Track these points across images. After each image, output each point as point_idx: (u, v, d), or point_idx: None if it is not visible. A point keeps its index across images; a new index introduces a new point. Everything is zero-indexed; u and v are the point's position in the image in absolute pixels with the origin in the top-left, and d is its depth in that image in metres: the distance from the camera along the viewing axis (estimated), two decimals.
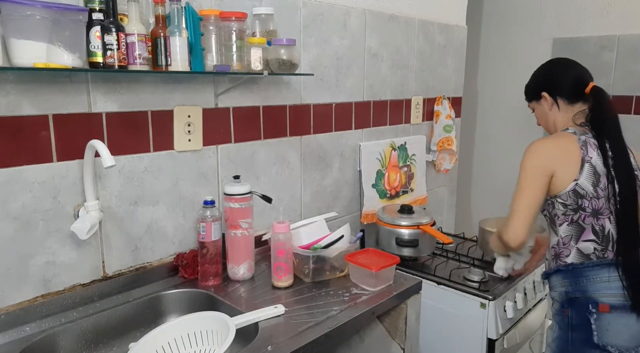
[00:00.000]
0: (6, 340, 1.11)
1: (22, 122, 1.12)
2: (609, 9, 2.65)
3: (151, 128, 1.36)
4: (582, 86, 1.48)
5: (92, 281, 1.29)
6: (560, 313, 1.42)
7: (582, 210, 1.37)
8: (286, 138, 1.73)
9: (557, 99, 1.50)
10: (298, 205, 1.83)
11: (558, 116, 1.52)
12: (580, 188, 1.36)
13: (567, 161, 1.38)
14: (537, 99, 1.55)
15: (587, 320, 1.34)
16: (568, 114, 1.50)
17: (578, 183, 1.36)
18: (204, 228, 1.38)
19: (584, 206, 1.37)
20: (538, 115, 1.59)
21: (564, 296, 1.41)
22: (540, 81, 1.55)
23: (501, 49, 3.04)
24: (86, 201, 1.22)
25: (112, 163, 1.08)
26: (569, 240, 1.41)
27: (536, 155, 1.41)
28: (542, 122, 1.60)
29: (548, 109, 1.53)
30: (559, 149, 1.41)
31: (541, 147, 1.43)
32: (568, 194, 1.37)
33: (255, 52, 1.39)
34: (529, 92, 1.59)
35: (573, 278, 1.39)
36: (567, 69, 1.52)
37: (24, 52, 1.01)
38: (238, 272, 1.44)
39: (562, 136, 1.45)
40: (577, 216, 1.38)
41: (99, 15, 1.10)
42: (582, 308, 1.36)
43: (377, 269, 1.39)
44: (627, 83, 2.62)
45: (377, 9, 2.01)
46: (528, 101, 1.60)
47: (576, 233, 1.40)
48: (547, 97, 1.51)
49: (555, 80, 1.51)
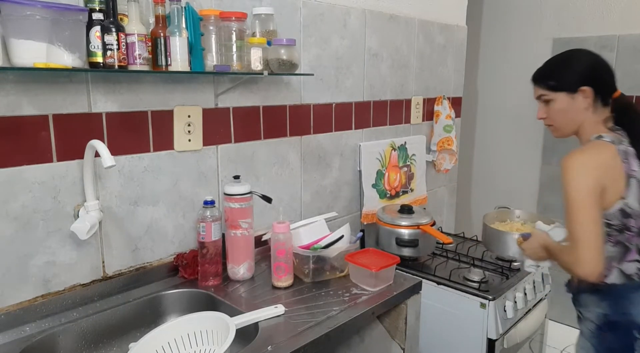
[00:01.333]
0: (6, 340, 1.11)
1: (22, 122, 1.12)
2: (609, 9, 2.65)
3: (151, 128, 1.36)
4: (614, 88, 1.34)
5: (92, 281, 1.29)
6: (597, 335, 1.31)
7: (628, 230, 1.25)
8: (286, 138, 1.73)
9: (597, 99, 1.30)
10: (298, 205, 1.83)
11: (589, 118, 1.31)
12: (628, 206, 1.23)
13: (613, 176, 1.23)
14: (569, 90, 1.30)
15: (631, 346, 1.26)
16: (598, 118, 1.32)
17: (626, 202, 1.23)
18: (204, 228, 1.38)
19: (630, 225, 1.25)
20: (556, 110, 1.34)
21: (602, 318, 1.29)
22: (585, 72, 1.30)
23: (501, 49, 3.04)
24: (86, 201, 1.22)
25: (112, 163, 1.08)
26: (610, 261, 1.27)
27: (587, 171, 1.20)
28: (559, 120, 1.36)
29: (582, 107, 1.30)
30: (606, 163, 1.23)
31: (589, 161, 1.23)
32: (614, 214, 1.24)
33: (255, 52, 1.39)
34: (560, 80, 1.32)
35: (613, 300, 1.28)
36: (609, 67, 1.33)
37: (24, 52, 1.01)
38: (238, 272, 1.44)
39: (603, 147, 1.26)
40: (622, 237, 1.26)
41: (99, 15, 1.10)
42: (625, 333, 1.26)
43: (377, 269, 1.39)
44: (627, 83, 2.62)
45: (377, 9, 2.01)
46: (550, 89, 1.33)
47: (619, 254, 1.27)
48: (589, 94, 1.28)
49: (603, 76, 1.31)
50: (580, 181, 1.20)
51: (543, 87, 1.35)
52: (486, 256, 1.99)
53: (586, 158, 1.24)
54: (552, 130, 1.41)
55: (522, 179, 3.06)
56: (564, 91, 1.31)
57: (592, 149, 1.27)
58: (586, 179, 1.20)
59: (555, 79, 1.33)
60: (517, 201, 3.09)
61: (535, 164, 2.99)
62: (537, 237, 1.43)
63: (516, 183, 3.09)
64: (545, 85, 1.35)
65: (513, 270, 1.86)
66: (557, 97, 1.33)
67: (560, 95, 1.32)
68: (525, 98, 2.95)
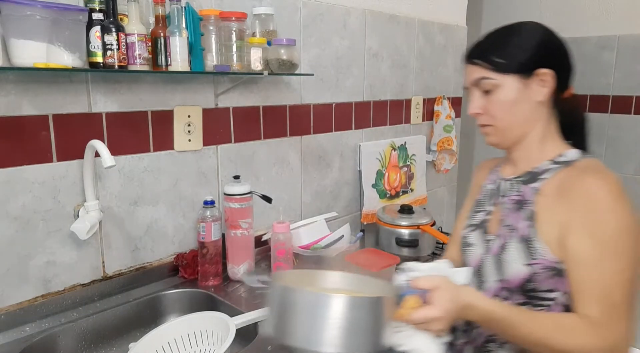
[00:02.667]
0: (6, 340, 1.11)
1: (22, 122, 1.12)
2: (609, 9, 2.65)
3: (151, 128, 1.36)
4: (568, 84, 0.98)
5: (92, 281, 1.29)
6: None
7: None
8: (286, 138, 1.73)
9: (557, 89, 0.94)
10: (298, 205, 1.83)
11: (544, 120, 0.96)
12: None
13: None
14: (521, 72, 0.91)
15: None
16: (554, 121, 0.98)
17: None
18: (204, 228, 1.38)
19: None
20: (500, 102, 0.93)
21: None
22: (545, 49, 0.93)
23: None
24: (86, 201, 1.22)
25: (112, 163, 1.08)
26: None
27: (627, 205, 0.85)
28: (502, 116, 0.94)
29: (537, 99, 0.93)
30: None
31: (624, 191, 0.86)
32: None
33: (255, 52, 1.39)
34: (510, 56, 0.92)
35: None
36: (570, 51, 0.97)
37: (24, 52, 1.01)
38: (238, 272, 1.44)
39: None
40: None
41: (99, 15, 1.10)
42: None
43: (377, 269, 1.39)
44: (627, 83, 2.63)
45: (377, 9, 2.01)
46: (495, 69, 0.92)
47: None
48: (549, 80, 0.92)
49: (565, 60, 0.95)
50: (632, 217, 0.84)
51: (484, 66, 0.93)
52: None
53: (620, 184, 0.87)
54: (488, 133, 0.98)
55: None
56: (515, 73, 0.91)
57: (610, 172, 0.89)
58: (634, 218, 0.84)
59: (502, 54, 0.92)
60: None
61: None
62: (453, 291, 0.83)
63: None
64: (488, 63, 0.93)
65: None
66: (504, 82, 0.92)
67: (509, 79, 0.92)
68: None
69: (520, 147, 0.98)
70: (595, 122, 2.84)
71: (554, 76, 0.92)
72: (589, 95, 2.75)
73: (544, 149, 0.97)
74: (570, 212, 0.86)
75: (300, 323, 0.76)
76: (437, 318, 0.80)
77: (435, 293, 0.81)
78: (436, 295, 0.81)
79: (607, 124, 2.70)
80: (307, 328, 0.75)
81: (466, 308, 0.82)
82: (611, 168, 0.89)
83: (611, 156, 2.69)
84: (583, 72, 2.75)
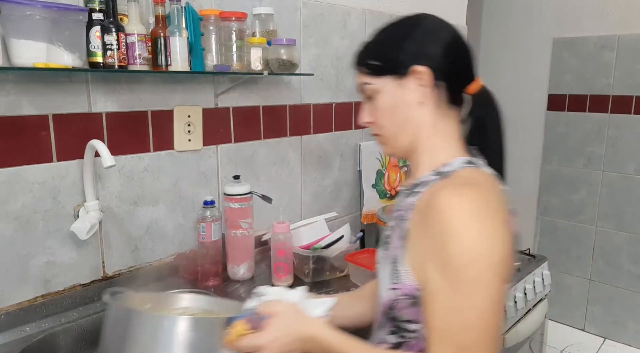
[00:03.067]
0: (6, 340, 1.11)
1: (22, 122, 1.12)
2: (609, 9, 2.65)
3: (151, 128, 1.36)
4: (470, 79, 0.85)
5: (92, 281, 1.29)
6: None
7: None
8: (286, 138, 1.73)
9: (438, 87, 0.81)
10: (298, 205, 1.83)
11: (429, 123, 0.82)
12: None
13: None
14: (395, 73, 0.81)
15: None
16: (446, 125, 0.83)
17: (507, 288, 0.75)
18: (204, 228, 1.38)
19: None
20: (382, 107, 0.84)
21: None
22: (420, 43, 0.82)
23: (501, 49, 3.04)
24: (86, 201, 1.22)
25: (112, 163, 1.08)
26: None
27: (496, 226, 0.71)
28: (386, 123, 0.84)
29: (414, 100, 0.81)
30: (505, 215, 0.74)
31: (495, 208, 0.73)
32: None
33: (255, 52, 1.39)
34: (385, 57, 0.83)
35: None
36: (462, 40, 0.85)
37: (24, 52, 1.01)
38: (238, 272, 1.44)
39: (493, 183, 0.78)
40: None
41: (99, 15, 1.10)
42: None
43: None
44: (627, 83, 2.63)
45: (377, 9, 2.01)
46: (372, 73, 0.84)
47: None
48: (425, 77, 0.80)
49: (451, 52, 0.82)
50: (494, 243, 0.69)
51: (363, 71, 0.86)
52: None
53: (489, 200, 0.73)
54: (380, 143, 0.88)
55: (522, 179, 3.06)
56: (389, 75, 0.82)
57: (486, 185, 0.76)
58: (502, 243, 0.70)
59: (377, 56, 0.84)
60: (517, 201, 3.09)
61: (535, 164, 2.99)
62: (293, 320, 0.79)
63: (516, 183, 3.09)
64: (365, 67, 0.85)
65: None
66: (382, 87, 0.83)
67: (385, 82, 0.82)
68: (526, 98, 2.96)
69: (413, 156, 0.86)
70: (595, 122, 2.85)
71: (431, 73, 0.79)
72: (589, 95, 2.75)
73: (433, 158, 0.83)
74: (427, 235, 0.73)
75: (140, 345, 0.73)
76: (262, 346, 0.74)
77: (271, 320, 0.77)
78: (271, 322, 0.76)
79: (607, 124, 2.70)
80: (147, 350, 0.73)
81: (308, 340, 0.76)
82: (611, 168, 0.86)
83: (611, 156, 2.69)
84: (583, 72, 2.75)
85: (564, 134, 2.86)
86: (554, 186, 2.95)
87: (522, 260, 1.95)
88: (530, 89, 2.93)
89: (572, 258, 2.90)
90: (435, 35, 0.83)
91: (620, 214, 2.72)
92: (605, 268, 2.80)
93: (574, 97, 2.80)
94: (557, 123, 2.88)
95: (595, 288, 2.85)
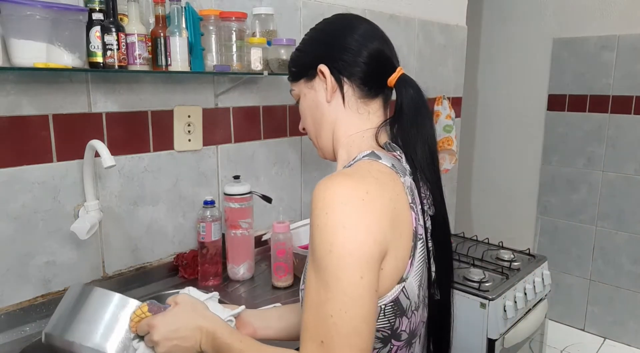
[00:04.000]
0: (6, 340, 1.11)
1: (22, 122, 1.12)
2: (609, 9, 2.65)
3: (151, 128, 1.36)
4: (386, 71, 0.84)
5: (92, 281, 1.29)
6: None
7: (396, 339, 0.75)
8: (286, 138, 1.73)
9: (343, 83, 0.82)
10: (298, 205, 1.83)
11: (345, 119, 0.84)
12: (405, 295, 0.74)
13: (399, 235, 0.72)
14: (306, 75, 0.86)
15: None
16: (363, 121, 0.84)
17: (405, 286, 0.73)
18: (204, 228, 1.38)
19: (401, 331, 0.75)
20: (305, 108, 0.88)
21: None
22: (323, 43, 0.85)
23: (501, 49, 3.04)
24: (86, 201, 1.22)
25: (112, 163, 1.08)
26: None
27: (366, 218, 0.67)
28: (310, 125, 0.88)
29: (323, 99, 0.84)
30: (393, 209, 0.71)
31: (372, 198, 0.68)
32: (385, 309, 0.72)
33: (255, 52, 1.39)
34: (298, 61, 0.88)
35: None
36: (367, 34, 0.84)
37: (24, 52, 1.01)
38: (238, 272, 1.44)
39: (385, 175, 0.74)
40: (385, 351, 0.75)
41: (99, 15, 1.10)
42: None
43: None
44: (627, 83, 2.62)
45: (377, 9, 2.01)
46: (292, 78, 0.90)
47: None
48: (327, 74, 0.82)
49: (345, 46, 0.82)
50: (355, 233, 0.65)
51: (288, 78, 0.91)
52: (486, 256, 1.99)
53: (364, 190, 0.68)
54: (314, 146, 0.92)
55: (522, 179, 3.06)
56: (302, 78, 0.87)
57: (370, 176, 0.72)
58: (366, 233, 0.66)
59: (294, 62, 0.89)
60: (517, 201, 3.09)
61: (535, 164, 2.99)
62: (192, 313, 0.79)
63: (516, 183, 3.09)
64: (289, 74, 0.91)
65: (513, 270, 1.86)
66: (299, 90, 0.88)
67: (300, 85, 0.88)
68: (526, 98, 2.96)
69: (336, 155, 0.87)
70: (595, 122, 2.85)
71: (329, 69, 0.82)
72: (588, 95, 2.75)
73: (349, 153, 0.83)
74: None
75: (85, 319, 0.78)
76: (154, 325, 0.75)
77: (172, 308, 0.79)
78: (171, 309, 0.79)
79: (607, 124, 2.70)
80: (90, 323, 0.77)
81: (204, 333, 0.76)
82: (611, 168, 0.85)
83: (611, 156, 2.69)
84: (583, 72, 2.75)
85: (564, 134, 2.86)
86: (554, 186, 2.95)
87: (522, 260, 1.96)
88: (530, 89, 2.93)
89: (572, 258, 2.90)
90: (340, 35, 0.83)
91: (620, 214, 2.72)
92: (605, 268, 2.80)
93: (574, 97, 2.80)
94: (557, 123, 2.88)
95: (595, 288, 2.85)
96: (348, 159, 0.82)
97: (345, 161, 0.83)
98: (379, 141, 0.83)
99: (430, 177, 0.81)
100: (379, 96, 0.86)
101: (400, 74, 0.85)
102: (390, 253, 0.69)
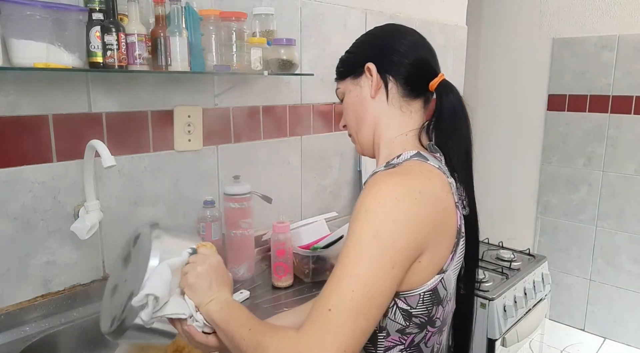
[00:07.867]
0: (6, 340, 1.11)
1: (22, 122, 1.12)
2: (609, 9, 2.65)
3: (151, 128, 1.36)
4: (429, 75, 0.88)
5: (92, 281, 1.29)
6: None
7: (431, 326, 0.80)
8: (286, 138, 1.73)
9: (388, 80, 0.86)
10: (298, 205, 1.83)
11: (385, 118, 0.87)
12: (443, 283, 0.79)
13: (442, 231, 0.77)
14: (353, 73, 0.90)
15: None
16: (406, 121, 0.87)
17: (444, 277, 0.78)
18: (204, 228, 1.38)
19: (435, 318, 0.80)
20: (348, 104, 0.92)
21: None
22: (373, 44, 0.91)
23: (501, 49, 3.04)
24: (86, 201, 1.22)
25: (112, 163, 1.08)
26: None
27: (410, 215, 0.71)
28: (349, 122, 0.93)
29: (367, 95, 0.88)
30: (439, 209, 0.76)
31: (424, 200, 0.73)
32: (425, 298, 0.77)
33: (255, 52, 1.39)
34: (346, 61, 0.94)
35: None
36: (417, 42, 0.89)
37: (24, 52, 1.01)
38: (238, 272, 1.44)
39: (432, 174, 0.79)
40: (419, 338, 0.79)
41: (99, 15, 1.10)
42: None
43: None
44: (627, 83, 2.63)
45: (377, 9, 2.01)
46: (338, 77, 0.95)
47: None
48: (373, 70, 0.87)
49: (394, 49, 0.87)
50: (401, 229, 0.70)
51: (335, 78, 0.96)
52: (486, 256, 1.99)
53: (418, 190, 0.73)
54: (353, 142, 0.97)
55: (522, 179, 3.06)
56: (349, 76, 0.91)
57: (422, 176, 0.77)
58: (411, 231, 0.71)
59: (342, 63, 0.94)
60: (517, 200, 3.10)
61: (535, 164, 3.00)
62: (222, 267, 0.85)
63: (516, 182, 3.09)
64: (336, 74, 0.95)
65: (513, 270, 1.86)
66: (345, 88, 0.92)
67: (347, 84, 0.92)
68: (526, 98, 2.96)
69: (376, 152, 0.91)
70: (595, 122, 2.85)
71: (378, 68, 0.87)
72: (589, 95, 2.75)
73: (389, 151, 0.86)
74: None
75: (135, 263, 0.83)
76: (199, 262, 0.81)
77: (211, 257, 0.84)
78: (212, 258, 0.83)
79: (607, 124, 2.70)
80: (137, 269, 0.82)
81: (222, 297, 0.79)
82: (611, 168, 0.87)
83: (611, 156, 2.69)
84: (583, 72, 2.75)
85: (564, 134, 2.86)
86: (553, 186, 2.95)
87: (522, 260, 1.96)
88: (530, 89, 2.93)
89: (572, 258, 2.90)
90: (390, 39, 0.89)
91: (620, 214, 2.72)
92: (605, 268, 2.80)
93: (574, 97, 2.81)
94: (557, 123, 2.88)
95: (595, 288, 2.85)
96: (390, 155, 0.85)
97: (386, 156, 0.86)
98: (421, 141, 0.87)
99: (465, 179, 0.85)
100: (420, 97, 0.89)
101: (442, 80, 0.88)
102: (428, 251, 0.74)
